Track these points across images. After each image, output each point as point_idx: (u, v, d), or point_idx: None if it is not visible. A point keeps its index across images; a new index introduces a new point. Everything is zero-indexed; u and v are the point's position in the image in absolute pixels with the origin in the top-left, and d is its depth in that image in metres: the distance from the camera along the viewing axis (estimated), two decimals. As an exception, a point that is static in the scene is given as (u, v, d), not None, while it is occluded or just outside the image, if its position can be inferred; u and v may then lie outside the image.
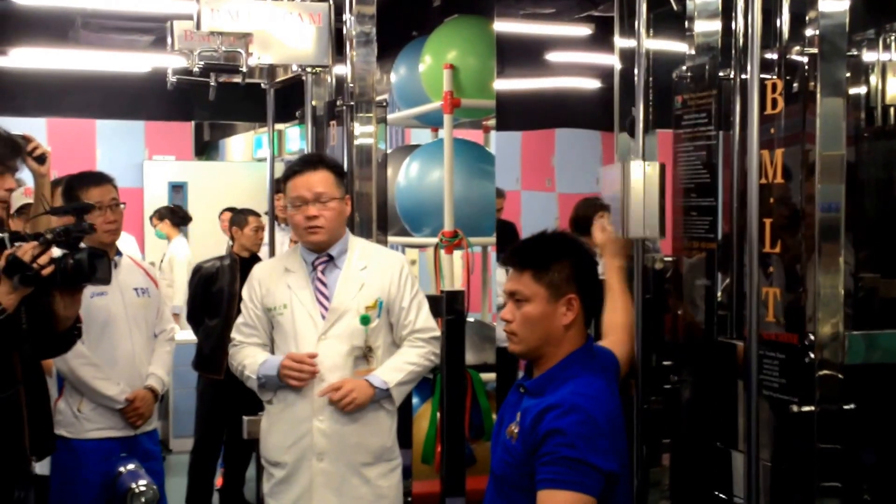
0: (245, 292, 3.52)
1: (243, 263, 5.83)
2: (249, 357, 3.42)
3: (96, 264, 3.05)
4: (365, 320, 3.34)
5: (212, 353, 5.82)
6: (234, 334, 3.51)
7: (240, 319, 3.51)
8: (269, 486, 3.44)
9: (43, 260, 2.92)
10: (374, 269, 3.43)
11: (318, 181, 3.34)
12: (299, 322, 3.37)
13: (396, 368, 3.38)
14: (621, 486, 2.46)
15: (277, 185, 6.71)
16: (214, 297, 5.84)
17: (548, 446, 2.32)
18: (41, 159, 3.60)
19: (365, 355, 3.35)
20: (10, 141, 3.11)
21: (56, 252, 3.02)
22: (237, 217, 6.12)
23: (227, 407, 5.67)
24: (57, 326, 3.14)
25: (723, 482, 2.75)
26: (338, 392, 3.29)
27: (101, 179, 3.92)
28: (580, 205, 4.91)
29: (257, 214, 6.14)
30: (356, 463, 3.36)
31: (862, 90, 3.06)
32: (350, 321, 3.36)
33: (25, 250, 2.91)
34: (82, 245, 3.08)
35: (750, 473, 2.46)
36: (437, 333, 3.53)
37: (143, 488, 3.75)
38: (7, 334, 2.93)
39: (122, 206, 3.92)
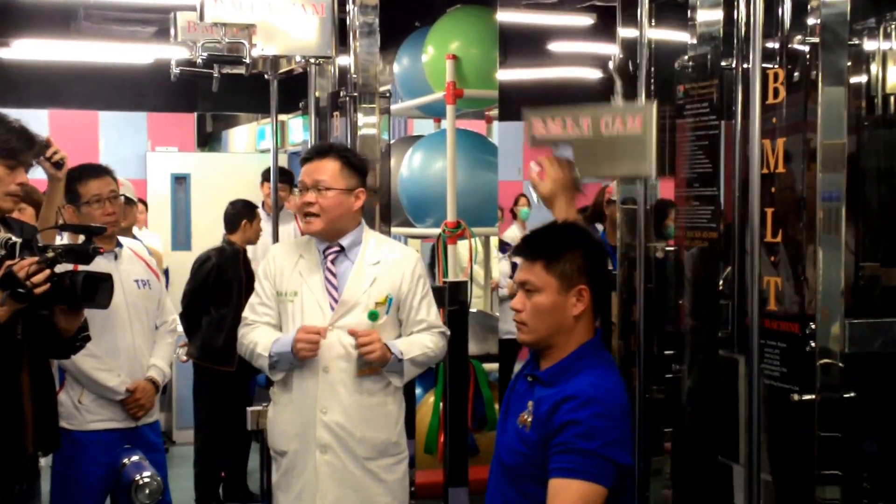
0: (261, 270, 3.47)
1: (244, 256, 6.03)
2: (263, 336, 3.37)
3: (98, 287, 3.01)
4: (373, 316, 3.30)
5: (224, 345, 5.66)
6: (246, 313, 3.46)
7: (254, 298, 3.46)
8: (276, 477, 3.43)
9: (37, 279, 2.86)
10: (387, 265, 3.39)
11: (321, 169, 3.31)
12: (308, 310, 3.34)
13: (413, 344, 3.36)
14: (630, 476, 2.46)
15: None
16: (224, 286, 5.86)
17: (564, 436, 2.31)
18: (59, 165, 3.59)
19: None
20: (26, 135, 3.09)
21: (62, 267, 2.97)
22: (247, 211, 6.14)
23: (235, 398, 5.65)
24: (59, 336, 3.10)
25: (724, 475, 2.76)
26: (366, 337, 3.24)
27: (100, 171, 3.92)
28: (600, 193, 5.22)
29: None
30: (360, 457, 3.34)
31: (863, 79, 3.06)
32: (358, 315, 3.32)
33: (22, 266, 2.85)
34: (83, 268, 3.02)
35: (751, 463, 2.47)
36: (447, 331, 3.52)
37: (147, 479, 3.75)
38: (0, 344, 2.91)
39: (120, 198, 3.93)
